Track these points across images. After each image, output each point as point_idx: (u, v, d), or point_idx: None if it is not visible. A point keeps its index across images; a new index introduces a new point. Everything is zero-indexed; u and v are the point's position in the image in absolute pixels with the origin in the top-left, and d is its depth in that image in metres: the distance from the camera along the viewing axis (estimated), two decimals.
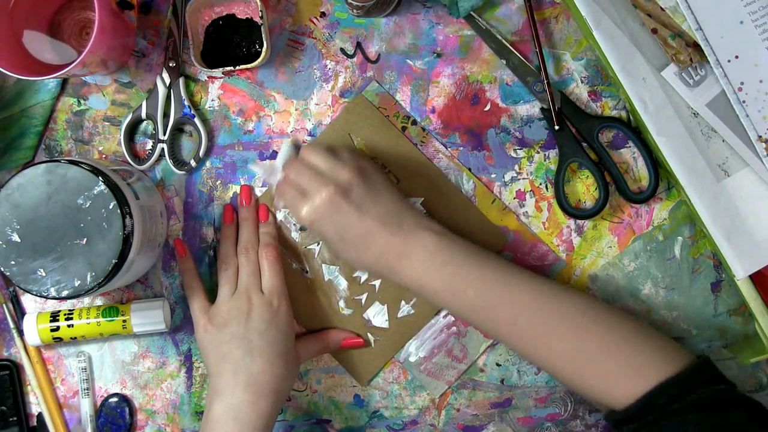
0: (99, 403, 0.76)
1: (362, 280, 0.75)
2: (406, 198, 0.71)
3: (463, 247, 0.67)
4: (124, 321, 0.73)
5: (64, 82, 0.75)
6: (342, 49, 0.74)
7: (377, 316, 0.75)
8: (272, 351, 0.69)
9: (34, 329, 0.73)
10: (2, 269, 0.63)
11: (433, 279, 0.66)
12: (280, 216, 0.75)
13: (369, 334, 0.75)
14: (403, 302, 0.74)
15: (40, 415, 0.75)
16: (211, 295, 0.75)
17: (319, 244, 0.75)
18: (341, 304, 0.75)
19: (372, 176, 0.68)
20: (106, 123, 0.75)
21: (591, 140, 0.73)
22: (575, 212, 0.73)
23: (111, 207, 0.63)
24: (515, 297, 0.65)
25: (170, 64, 0.73)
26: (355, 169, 0.67)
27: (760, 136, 0.67)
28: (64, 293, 0.63)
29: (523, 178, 0.74)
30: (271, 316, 0.70)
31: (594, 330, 0.64)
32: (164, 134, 0.74)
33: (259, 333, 0.69)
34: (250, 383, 0.67)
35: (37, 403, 0.75)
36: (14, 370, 0.75)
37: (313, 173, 0.67)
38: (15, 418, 0.74)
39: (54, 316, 0.73)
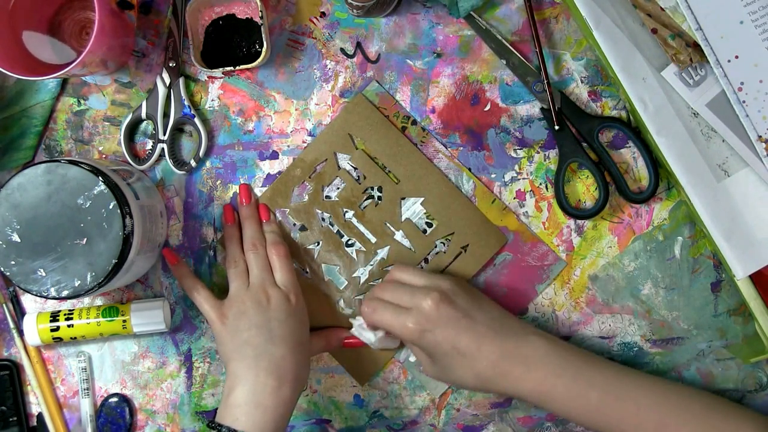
0: (99, 403, 0.76)
1: (362, 280, 0.75)
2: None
3: (574, 351, 0.68)
4: (124, 321, 0.73)
5: (64, 82, 0.75)
6: (342, 49, 0.74)
7: None
8: (293, 339, 0.68)
9: (34, 329, 0.73)
10: (2, 269, 0.63)
11: (554, 384, 0.65)
12: (279, 216, 0.75)
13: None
14: None
15: (40, 415, 0.75)
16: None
17: (318, 244, 0.75)
18: (341, 304, 0.75)
19: (469, 286, 0.70)
20: (106, 123, 0.75)
21: (591, 140, 0.73)
22: (575, 212, 0.73)
23: (111, 207, 0.63)
24: (638, 398, 0.65)
25: (170, 64, 0.73)
26: (452, 279, 0.69)
27: (760, 136, 0.67)
28: (64, 293, 0.63)
29: (523, 178, 0.74)
30: (289, 307, 0.69)
31: (713, 425, 0.65)
32: (164, 134, 0.74)
33: (279, 322, 0.68)
34: (273, 369, 0.66)
35: (37, 403, 0.75)
36: (14, 370, 0.75)
37: (413, 288, 0.68)
38: (15, 418, 0.74)
39: (54, 316, 0.73)
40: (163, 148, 0.74)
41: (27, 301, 0.75)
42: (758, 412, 0.68)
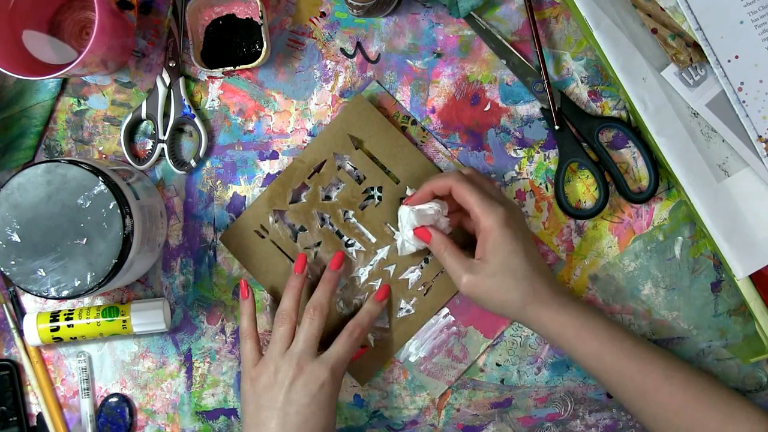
0: (99, 403, 0.76)
1: (362, 280, 0.75)
2: None
3: (597, 311, 0.70)
4: (124, 321, 0.73)
5: (64, 82, 0.75)
6: (342, 49, 0.74)
7: None
8: (307, 428, 0.67)
9: (34, 329, 0.73)
10: (2, 269, 0.63)
11: (592, 318, 0.67)
12: (279, 217, 0.75)
13: (369, 334, 0.75)
14: (403, 302, 0.74)
15: (40, 415, 0.75)
16: (209, 298, 0.75)
17: (318, 244, 0.74)
18: (341, 304, 0.75)
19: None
20: (106, 123, 0.75)
21: (591, 140, 0.73)
22: (575, 212, 0.73)
23: (111, 207, 0.63)
24: (641, 355, 0.67)
25: (170, 64, 0.73)
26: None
27: (760, 136, 0.67)
28: (64, 293, 0.63)
29: (523, 178, 0.74)
30: (315, 390, 0.67)
31: (694, 393, 0.66)
32: (164, 134, 0.74)
33: (298, 405, 0.67)
34: None
35: (37, 403, 0.75)
36: (14, 370, 0.75)
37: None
38: (15, 418, 0.74)
39: (54, 316, 0.73)
40: (163, 148, 0.74)
41: (27, 301, 0.75)
42: (739, 395, 0.68)
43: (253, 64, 0.71)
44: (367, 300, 0.74)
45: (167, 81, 0.73)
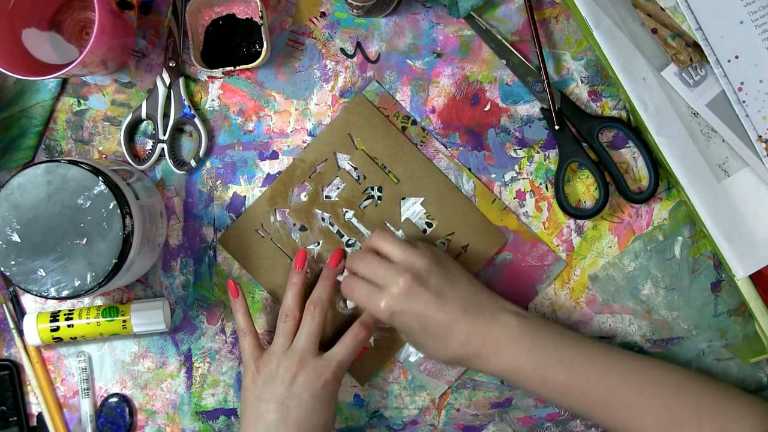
0: (99, 403, 0.76)
1: None
2: (476, 279, 0.70)
3: (546, 329, 0.67)
4: (124, 321, 0.73)
5: (64, 82, 0.75)
6: (342, 49, 0.74)
7: None
8: (306, 424, 0.67)
9: (34, 329, 0.73)
10: (2, 269, 0.63)
11: (521, 365, 0.65)
12: (279, 216, 0.75)
13: None
14: None
15: (40, 415, 0.75)
16: (209, 298, 0.75)
17: (318, 244, 0.74)
18: (341, 304, 0.75)
19: (445, 261, 0.68)
20: (106, 123, 0.75)
21: (591, 140, 0.73)
22: (575, 212, 0.73)
23: (111, 207, 0.63)
24: (606, 377, 0.65)
25: (170, 64, 0.73)
26: (429, 255, 0.67)
27: (760, 136, 0.67)
28: (64, 293, 0.63)
29: (523, 178, 0.74)
30: (317, 387, 0.68)
31: (686, 400, 0.65)
32: (164, 134, 0.74)
33: (299, 401, 0.67)
34: None
35: (37, 403, 0.75)
36: (14, 370, 0.75)
37: (387, 264, 0.67)
38: (15, 418, 0.74)
39: (54, 316, 0.73)
40: (163, 148, 0.74)
41: (27, 301, 0.75)
42: (738, 391, 0.67)
43: (253, 64, 0.71)
44: None
45: (167, 81, 0.73)
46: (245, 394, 0.69)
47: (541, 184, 0.74)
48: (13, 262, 0.63)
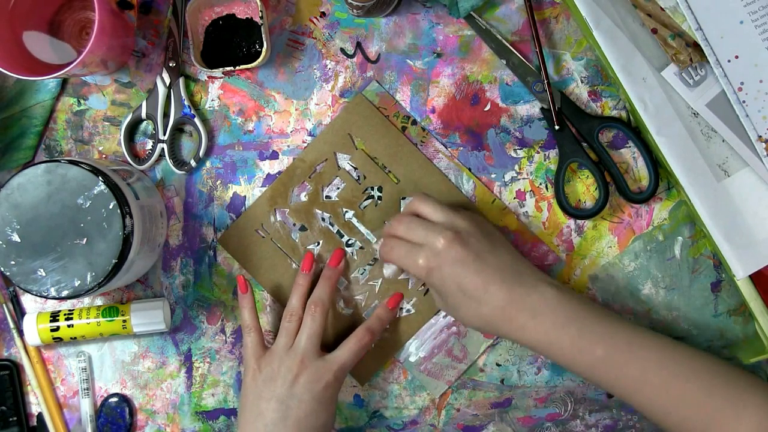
0: (99, 403, 0.76)
1: (362, 280, 0.75)
2: (517, 253, 0.70)
3: (586, 303, 0.66)
4: (124, 321, 0.73)
5: (64, 82, 0.75)
6: (342, 49, 0.74)
7: None
8: (306, 423, 0.67)
9: (34, 329, 0.73)
10: (2, 269, 0.63)
11: (559, 336, 0.64)
12: (279, 216, 0.75)
13: None
14: (403, 301, 0.74)
15: (40, 415, 0.75)
16: (209, 298, 0.75)
17: (318, 244, 0.74)
18: (341, 304, 0.75)
19: (488, 227, 0.68)
20: (106, 123, 0.75)
21: (591, 140, 0.73)
22: (575, 212, 0.73)
23: (111, 207, 0.63)
24: (643, 356, 0.64)
25: (170, 64, 0.73)
26: (472, 218, 0.67)
27: (760, 136, 0.67)
28: (64, 293, 0.63)
29: (523, 178, 0.74)
30: (318, 388, 0.68)
31: (722, 388, 0.64)
32: (164, 134, 0.74)
33: (299, 401, 0.67)
34: None
35: (37, 403, 0.75)
36: (14, 370, 0.75)
37: (428, 224, 0.66)
38: (15, 418, 0.74)
39: (54, 316, 0.73)
40: (163, 148, 0.74)
41: (27, 301, 0.75)
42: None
43: (253, 64, 0.71)
44: (378, 306, 0.74)
45: (167, 81, 0.73)
46: (245, 391, 0.69)
47: (541, 184, 0.74)
48: (13, 262, 0.63)
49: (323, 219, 0.75)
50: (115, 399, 0.75)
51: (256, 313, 0.72)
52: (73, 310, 0.74)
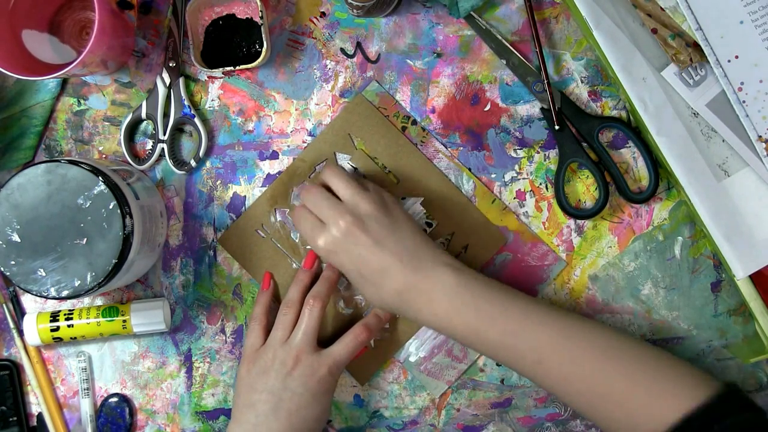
0: (99, 403, 0.76)
1: None
2: (428, 236, 0.70)
3: (484, 285, 0.66)
4: (124, 321, 0.73)
5: (64, 82, 0.75)
6: (342, 49, 0.74)
7: None
8: (298, 416, 0.67)
9: (34, 329, 0.73)
10: (2, 269, 0.63)
11: (454, 319, 0.65)
12: (279, 216, 0.75)
13: None
14: None
15: (40, 415, 0.75)
16: (209, 298, 0.75)
17: None
18: (341, 304, 0.75)
19: (392, 209, 0.68)
20: (106, 123, 0.75)
21: (591, 140, 0.73)
22: (575, 212, 0.73)
23: (111, 207, 0.63)
24: (539, 335, 0.64)
25: (170, 64, 0.73)
26: (376, 200, 0.67)
27: (760, 136, 0.67)
28: (64, 293, 0.63)
29: (523, 178, 0.74)
30: (312, 382, 0.68)
31: (618, 365, 0.63)
32: (164, 134, 0.74)
33: (292, 393, 0.67)
34: None
35: (37, 403, 0.75)
36: (14, 370, 0.75)
37: (332, 202, 0.67)
38: (15, 418, 0.74)
39: (54, 316, 0.73)
40: (163, 148, 0.74)
41: (27, 301, 0.75)
42: (652, 345, 0.66)
43: (253, 64, 0.71)
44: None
45: (167, 81, 0.73)
46: (239, 383, 0.70)
47: (541, 184, 0.74)
48: (13, 262, 0.63)
49: None
50: (115, 399, 0.75)
51: (268, 310, 0.72)
52: (73, 310, 0.74)
